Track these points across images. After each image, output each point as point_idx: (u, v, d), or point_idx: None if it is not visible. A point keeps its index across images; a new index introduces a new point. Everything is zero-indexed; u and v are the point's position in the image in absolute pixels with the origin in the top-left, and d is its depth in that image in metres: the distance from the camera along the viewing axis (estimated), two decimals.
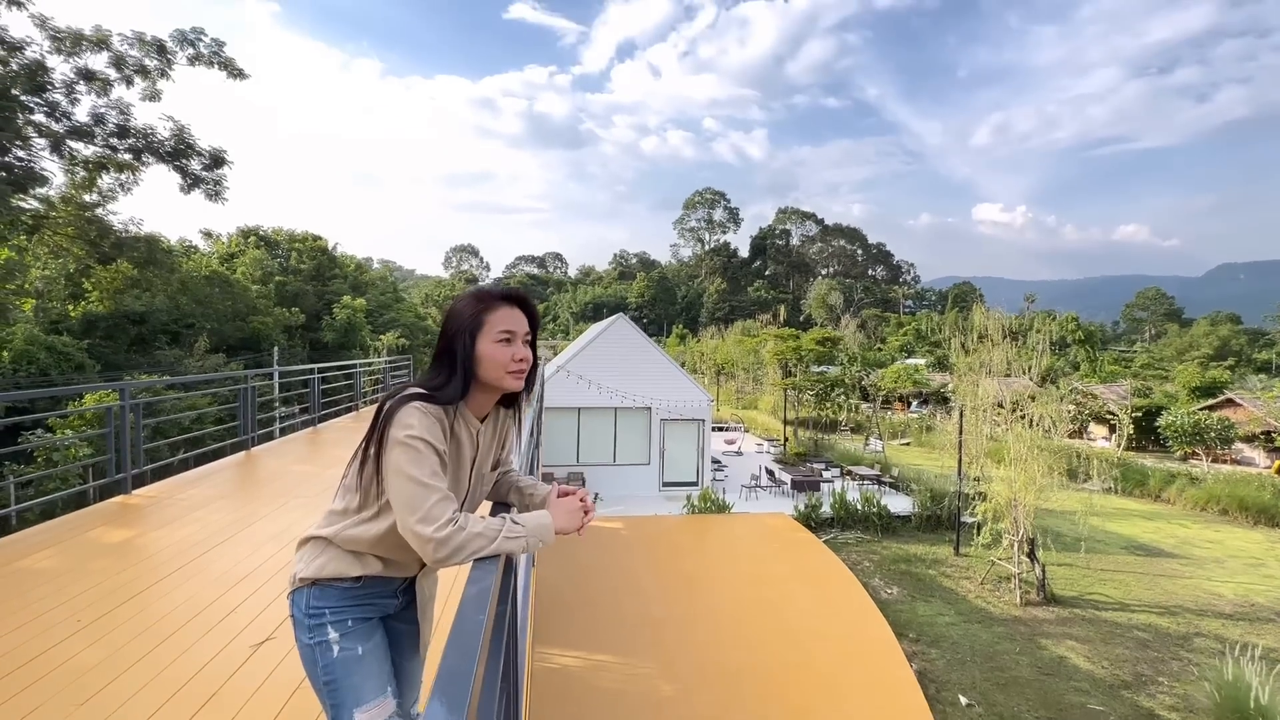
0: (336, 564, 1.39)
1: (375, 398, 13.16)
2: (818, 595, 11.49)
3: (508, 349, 1.36)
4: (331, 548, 1.40)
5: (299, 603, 1.40)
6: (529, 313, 1.42)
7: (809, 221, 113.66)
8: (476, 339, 1.35)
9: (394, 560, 1.42)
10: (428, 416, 1.27)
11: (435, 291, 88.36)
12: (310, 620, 1.37)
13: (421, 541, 1.19)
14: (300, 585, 1.40)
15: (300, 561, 1.42)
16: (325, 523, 1.43)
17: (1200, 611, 12.30)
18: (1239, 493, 19.25)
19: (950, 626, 11.45)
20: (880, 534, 16.38)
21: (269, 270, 37.28)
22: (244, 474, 6.54)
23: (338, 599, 1.39)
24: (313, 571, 1.39)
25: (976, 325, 14.87)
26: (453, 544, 1.18)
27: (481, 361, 1.35)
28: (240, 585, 3.46)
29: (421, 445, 1.24)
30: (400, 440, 1.24)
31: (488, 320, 1.36)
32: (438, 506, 1.20)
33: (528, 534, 1.26)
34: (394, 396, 1.32)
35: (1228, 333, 63.64)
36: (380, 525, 1.35)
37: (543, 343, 74.09)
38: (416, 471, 1.22)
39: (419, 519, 1.19)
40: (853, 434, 32.15)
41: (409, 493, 1.21)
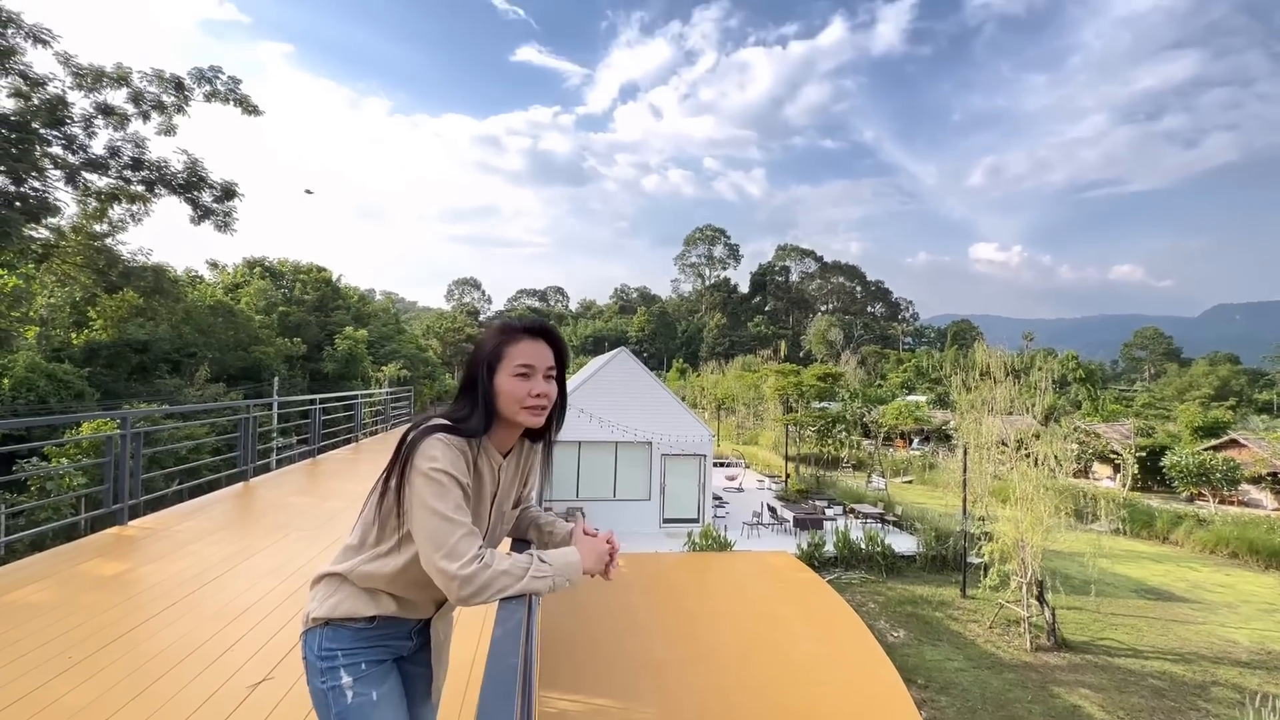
0: (350, 603, 1.34)
1: (376, 429, 13.06)
2: (823, 638, 11.18)
3: (525, 383, 1.31)
4: (346, 585, 1.35)
5: (311, 644, 1.34)
6: (554, 346, 1.37)
7: (808, 258, 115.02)
8: (495, 371, 1.32)
9: (409, 600, 1.37)
10: (451, 449, 1.24)
11: (437, 323, 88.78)
12: (323, 663, 1.31)
13: (446, 579, 1.14)
14: (313, 625, 1.35)
15: (314, 600, 1.37)
16: (340, 558, 1.38)
17: (1216, 659, 11.97)
18: (1248, 535, 18.96)
19: (960, 672, 11.12)
20: (885, 574, 16.06)
21: (273, 300, 37.54)
22: (242, 505, 6.44)
23: (351, 640, 1.33)
24: (325, 611, 1.33)
25: (979, 362, 14.88)
26: (478, 582, 1.13)
27: (499, 395, 1.31)
28: (238, 621, 3.36)
29: (445, 478, 1.20)
30: (423, 472, 1.20)
31: (507, 353, 1.33)
32: (463, 542, 1.16)
33: (554, 573, 1.22)
34: (417, 427, 1.29)
35: (1227, 373, 63.75)
36: (397, 560, 1.30)
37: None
38: (440, 505, 1.18)
39: (444, 554, 1.15)
40: (855, 471, 31.86)
41: (432, 527, 1.17)
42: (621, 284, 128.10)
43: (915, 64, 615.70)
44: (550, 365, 1.36)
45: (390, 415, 13.96)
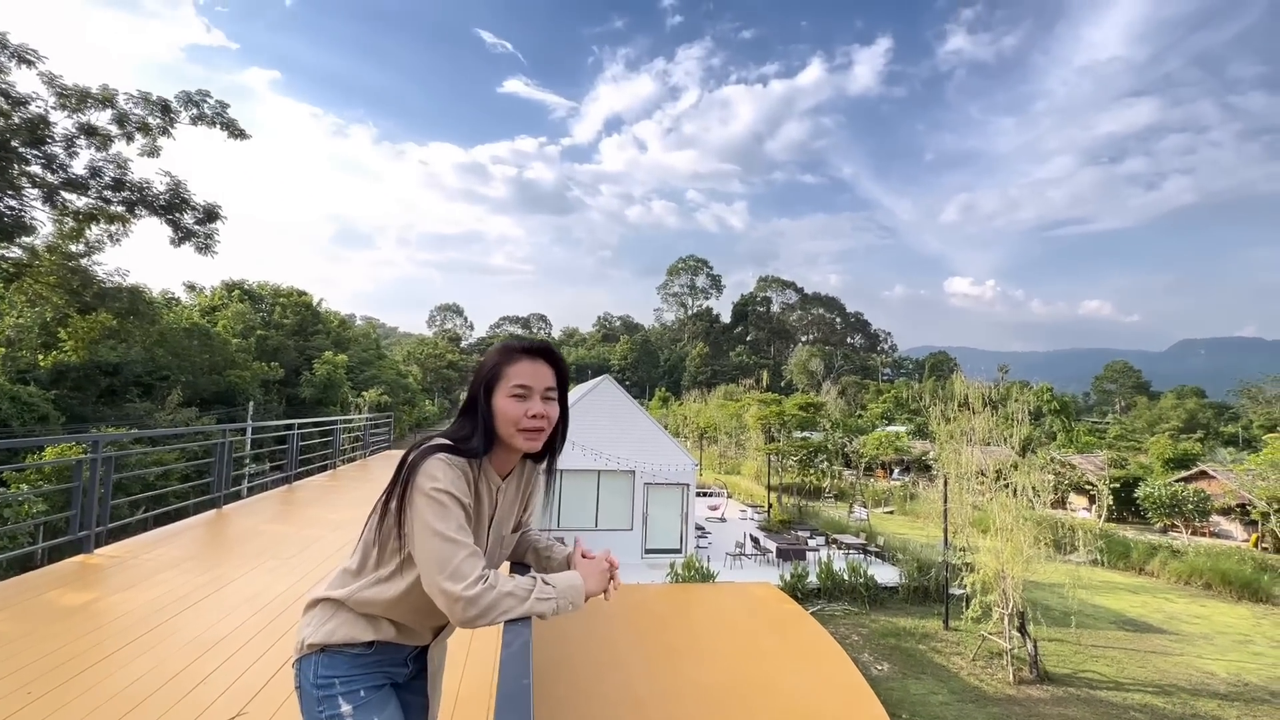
0: (348, 628, 1.30)
1: (354, 456, 12.81)
2: (807, 672, 11.02)
3: (521, 405, 1.30)
4: (344, 611, 1.32)
5: (306, 671, 1.30)
6: (554, 366, 1.36)
7: (789, 290, 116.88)
8: (493, 392, 1.31)
9: (409, 626, 1.35)
10: (452, 469, 1.23)
11: (418, 349, 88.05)
12: (320, 691, 1.27)
13: (450, 600, 1.12)
14: (308, 652, 1.31)
15: (308, 626, 1.33)
16: (338, 583, 1.35)
17: (1195, 691, 12.03)
18: (1221, 566, 19.27)
19: (944, 707, 11.02)
20: (868, 606, 15.97)
21: (251, 324, 36.98)
22: (215, 533, 6.24)
23: (348, 667, 1.30)
24: (322, 637, 1.30)
25: (958, 394, 15.13)
26: (483, 603, 1.12)
27: (497, 416, 1.30)
28: (211, 653, 3.23)
29: (447, 499, 1.19)
30: (425, 492, 1.19)
31: (505, 373, 1.31)
32: (466, 563, 1.15)
33: (558, 595, 1.20)
34: (418, 447, 1.28)
35: (1194, 406, 65.50)
36: (399, 586, 1.28)
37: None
38: (442, 526, 1.17)
39: (447, 576, 1.13)
40: (836, 501, 31.88)
41: (435, 548, 1.16)
42: (605, 312, 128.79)
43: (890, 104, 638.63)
44: (549, 386, 1.34)
45: (369, 441, 13.71)
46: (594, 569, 1.34)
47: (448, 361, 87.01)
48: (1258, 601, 18.05)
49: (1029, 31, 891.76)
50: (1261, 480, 22.72)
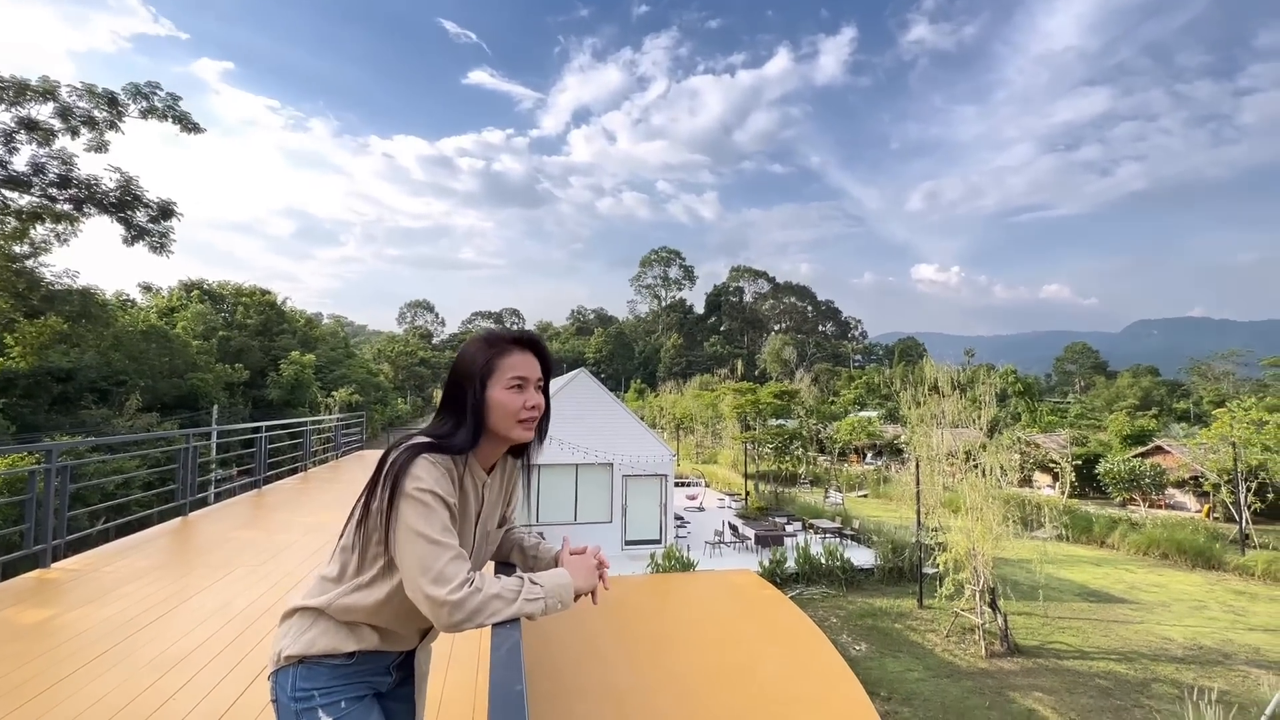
0: (328, 638, 1.25)
1: (325, 458, 12.52)
2: (788, 656, 11.19)
3: (519, 396, 1.28)
4: (323, 620, 1.26)
5: (283, 684, 1.24)
6: (542, 357, 1.35)
7: (761, 279, 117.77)
8: (488, 385, 1.27)
9: (392, 632, 1.29)
10: (436, 467, 1.18)
11: (388, 347, 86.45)
12: (298, 704, 1.21)
13: (434, 605, 1.08)
14: (285, 664, 1.25)
15: (286, 637, 1.27)
16: (316, 591, 1.29)
17: (1154, 656, 12.55)
18: (1176, 537, 20.11)
19: (920, 683, 11.30)
20: (845, 588, 16.28)
21: (212, 325, 35.82)
22: (180, 542, 6.03)
23: (328, 678, 1.24)
24: (301, 648, 1.24)
25: (928, 378, 15.45)
26: (469, 607, 1.07)
27: (492, 409, 1.26)
28: (179, 668, 3.11)
29: (430, 498, 1.14)
30: (407, 493, 1.14)
31: (500, 365, 1.28)
32: (451, 565, 1.10)
33: (546, 594, 1.17)
34: (399, 446, 1.23)
35: (1149, 384, 68.16)
36: (381, 590, 1.23)
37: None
38: (425, 528, 1.12)
39: (431, 579, 1.08)
40: (812, 486, 32.37)
41: (419, 551, 1.11)
42: (578, 305, 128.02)
43: (856, 94, 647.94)
44: (539, 377, 1.33)
45: (341, 443, 13.41)
46: (582, 566, 1.30)
47: (419, 359, 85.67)
48: (1210, 569, 18.91)
49: (988, 21, 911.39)
50: (1212, 454, 23.74)
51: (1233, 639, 13.47)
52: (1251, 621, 14.59)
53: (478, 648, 3.43)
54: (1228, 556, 18.93)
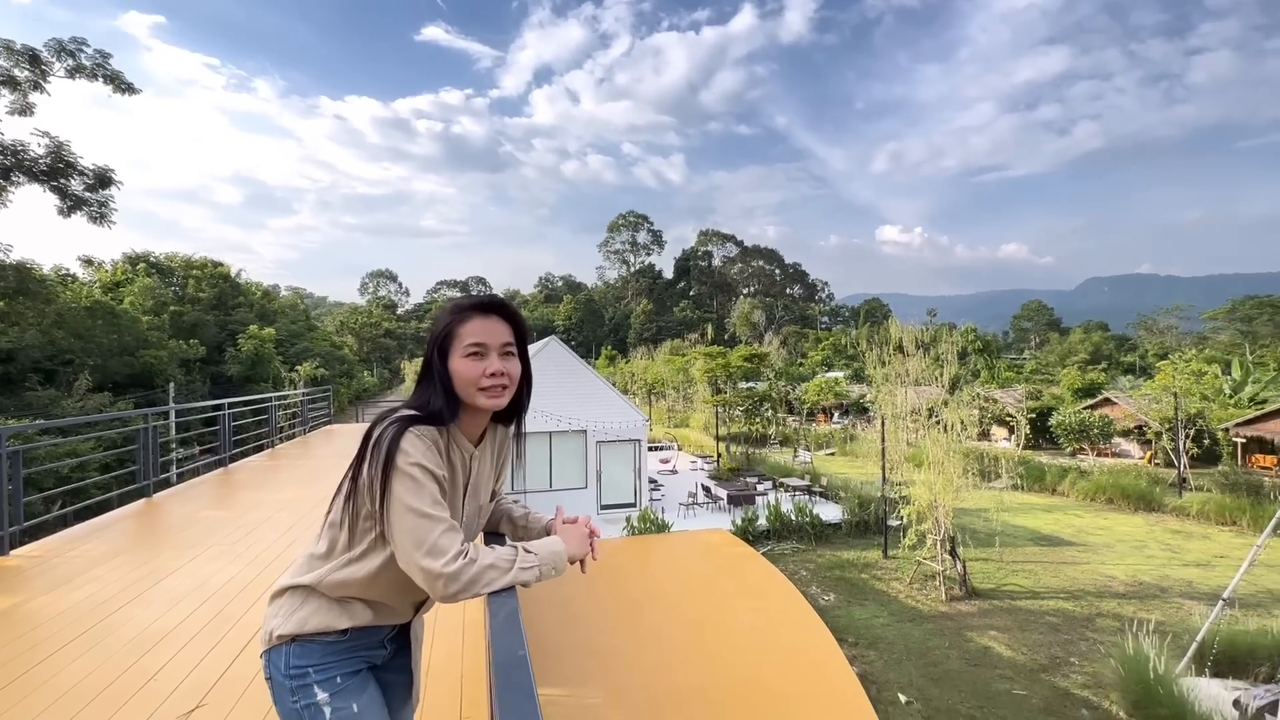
0: (321, 616, 1.24)
1: (293, 433, 12.28)
2: (761, 609, 11.65)
3: (479, 363, 1.24)
4: (315, 597, 1.26)
5: (276, 662, 1.24)
6: (509, 320, 1.30)
7: (729, 243, 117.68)
8: (449, 354, 1.25)
9: (386, 606, 1.30)
10: (423, 440, 1.17)
11: (351, 319, 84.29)
12: (293, 682, 1.22)
13: (430, 577, 1.09)
14: (277, 643, 1.25)
15: (277, 616, 1.27)
16: (305, 569, 1.28)
17: (1099, 594, 13.45)
18: (1121, 482, 21.34)
19: (885, 628, 11.91)
20: (814, 543, 16.89)
21: (162, 299, 34.28)
22: (147, 524, 5.90)
23: (321, 655, 1.24)
24: (293, 626, 1.24)
25: (894, 338, 15.82)
26: (464, 578, 1.09)
27: (454, 378, 1.24)
28: (159, 648, 3.09)
29: (419, 472, 1.14)
30: (396, 467, 1.13)
31: (458, 333, 1.25)
32: (444, 538, 1.11)
33: (540, 562, 1.19)
34: (383, 420, 1.21)
35: (1099, 339, 71.04)
36: (370, 564, 1.23)
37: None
38: (416, 502, 1.12)
39: (425, 552, 1.09)
40: (781, 446, 33.16)
41: (410, 525, 1.11)
42: (546, 272, 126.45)
43: (822, 52, 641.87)
44: (506, 342, 1.28)
45: (308, 417, 13.16)
46: (575, 534, 1.33)
47: (384, 330, 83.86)
48: (1150, 511, 20.18)
49: None
50: (1155, 404, 25.07)
51: (1169, 575, 14.49)
52: (1186, 558, 15.70)
53: (462, 617, 3.48)
54: (1166, 499, 20.21)
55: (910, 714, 9.10)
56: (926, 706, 9.25)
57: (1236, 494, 19.09)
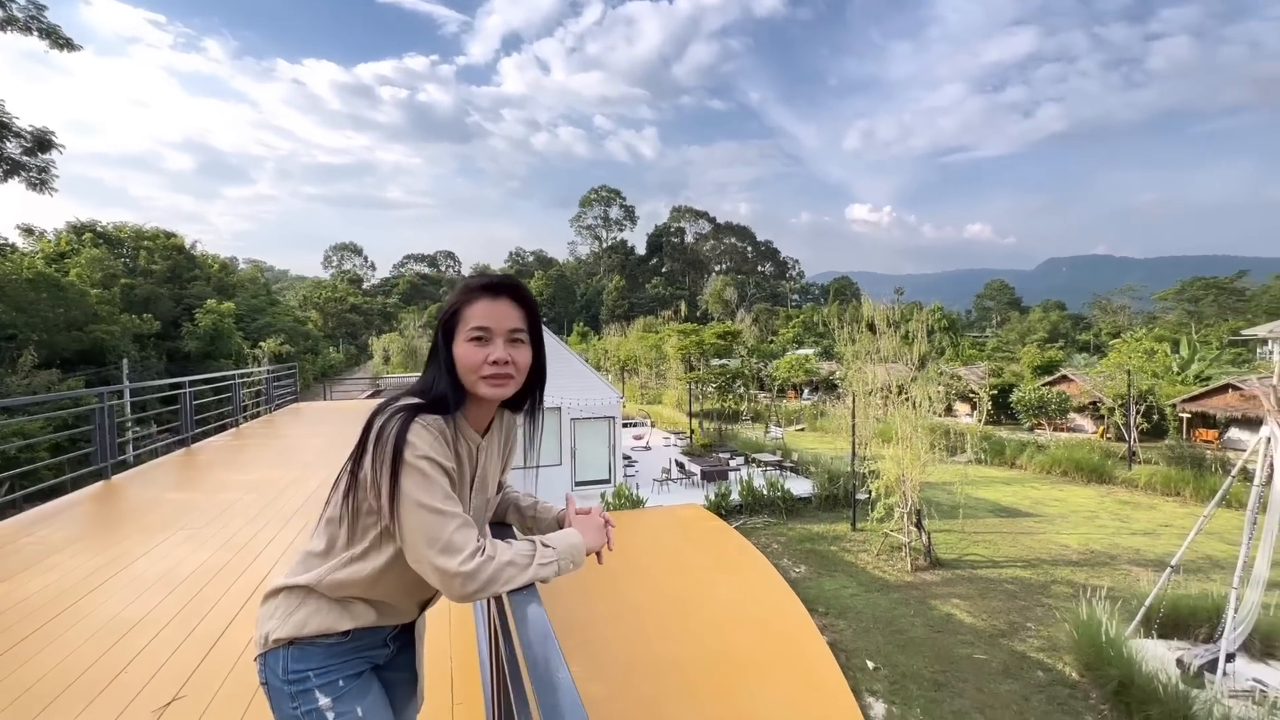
0: (321, 617, 1.17)
1: (258, 412, 11.92)
2: (735, 581, 11.88)
3: (481, 350, 1.15)
4: (314, 598, 1.19)
5: (274, 667, 1.17)
6: (521, 303, 1.21)
7: (702, 220, 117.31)
8: (453, 338, 1.17)
9: (390, 605, 1.24)
10: (429, 431, 1.09)
11: (315, 293, 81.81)
12: (292, 686, 1.15)
13: (446, 577, 1.03)
14: (274, 647, 1.18)
15: (273, 619, 1.19)
16: (302, 568, 1.21)
17: (1054, 562, 14.09)
18: (1075, 456, 22.27)
19: (854, 598, 12.30)
20: (785, 516, 17.27)
21: (112, 271, 32.69)
22: (107, 508, 5.66)
23: (322, 658, 1.18)
24: (291, 629, 1.16)
25: (865, 316, 16.05)
26: (482, 576, 1.03)
27: (457, 364, 1.17)
28: (128, 638, 2.97)
29: (428, 465, 1.07)
30: (404, 460, 1.06)
31: (463, 315, 1.17)
32: (459, 534, 1.05)
33: (559, 557, 1.14)
34: (385, 410, 1.13)
35: (1057, 318, 73.41)
36: (374, 562, 1.16)
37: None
38: (427, 497, 1.05)
39: (439, 550, 1.03)
40: (753, 423, 33.62)
41: (423, 522, 1.04)
42: (516, 247, 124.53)
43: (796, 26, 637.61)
44: (515, 327, 1.20)
45: (274, 395, 12.77)
46: (590, 524, 1.28)
47: (350, 305, 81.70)
48: (1103, 483, 21.14)
49: None
50: (1109, 381, 26.11)
51: (1119, 543, 15.26)
52: (1134, 527, 16.53)
53: (448, 615, 3.40)
54: (1117, 472, 21.18)
55: (878, 680, 9.45)
56: (893, 672, 9.62)
57: (1181, 467, 20.11)
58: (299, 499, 5.64)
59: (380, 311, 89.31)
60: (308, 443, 9.11)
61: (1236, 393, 23.22)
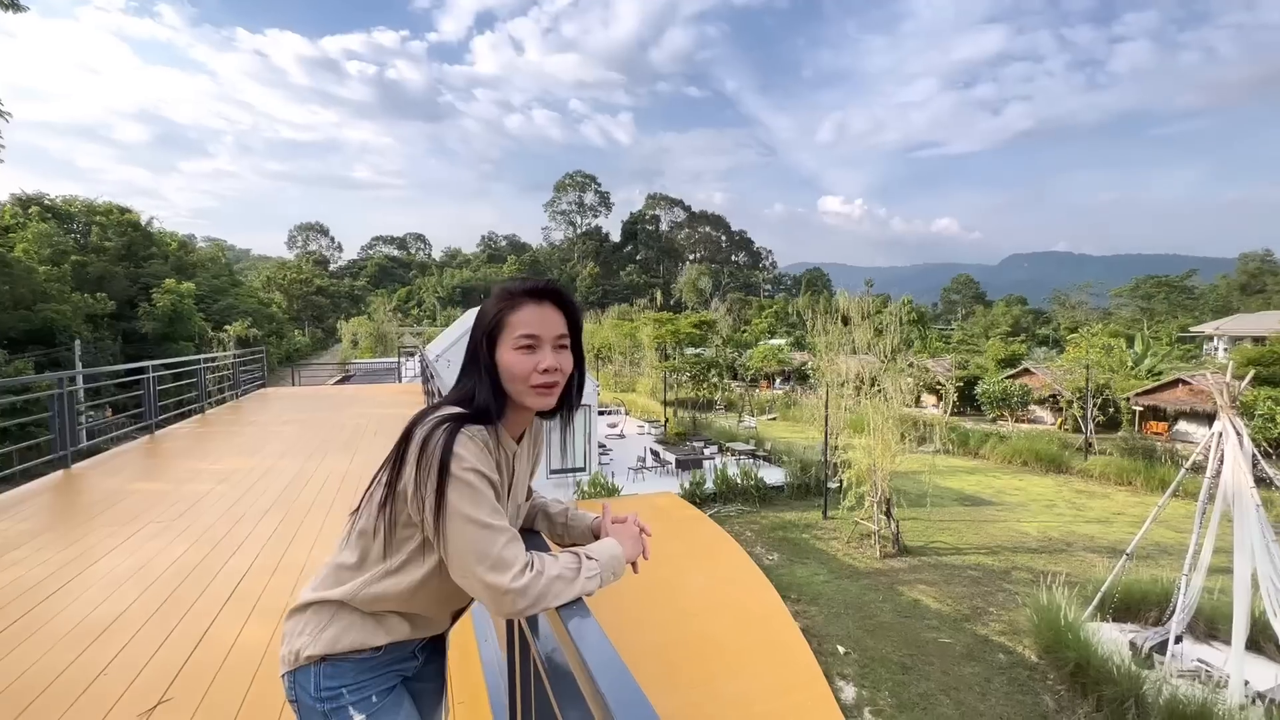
0: (355, 633, 1.14)
1: (224, 397, 11.55)
2: (709, 569, 12.07)
3: (530, 358, 1.13)
4: (346, 612, 1.15)
5: (305, 684, 1.13)
6: (565, 310, 1.20)
7: (677, 208, 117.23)
8: (496, 345, 1.15)
9: (424, 618, 1.21)
10: (475, 441, 1.06)
11: (278, 274, 79.33)
12: (326, 705, 1.12)
13: (496, 593, 1.00)
14: (305, 663, 1.14)
15: (303, 635, 1.15)
16: (332, 581, 1.17)
17: (1015, 549, 14.63)
18: (1035, 447, 23.08)
19: (825, 584, 12.59)
20: (759, 505, 17.53)
21: (62, 248, 31.15)
22: (69, 499, 5.43)
23: (355, 673, 1.15)
24: (324, 646, 1.13)
25: (841, 308, 16.30)
26: (533, 593, 1.01)
27: (502, 373, 1.14)
28: (105, 638, 2.86)
29: (475, 478, 1.04)
30: (450, 473, 1.02)
31: (508, 321, 1.14)
32: (508, 549, 1.02)
33: (601, 570, 1.12)
34: (426, 419, 1.09)
35: (1019, 313, 75.62)
36: (412, 575, 1.13)
37: (407, 329, 67.64)
38: (475, 511, 1.02)
39: (489, 567, 1.00)
40: (727, 412, 33.94)
41: (471, 537, 1.01)
42: (489, 231, 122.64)
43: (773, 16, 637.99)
44: (561, 334, 1.18)
45: (240, 381, 12.39)
46: (628, 534, 1.26)
47: (316, 287, 79.52)
48: (1060, 473, 21.97)
49: None
50: (1069, 375, 27.08)
51: (1075, 530, 15.90)
52: (1089, 515, 17.25)
53: None
54: (1074, 462, 22.02)
55: (848, 664, 9.71)
56: (863, 656, 9.90)
57: (1133, 458, 21.01)
58: (274, 490, 5.49)
59: (348, 294, 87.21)
60: (278, 430, 8.87)
61: (1186, 387, 24.32)
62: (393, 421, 9.66)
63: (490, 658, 2.59)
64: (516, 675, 1.31)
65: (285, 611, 3.14)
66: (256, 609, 3.18)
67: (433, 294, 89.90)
